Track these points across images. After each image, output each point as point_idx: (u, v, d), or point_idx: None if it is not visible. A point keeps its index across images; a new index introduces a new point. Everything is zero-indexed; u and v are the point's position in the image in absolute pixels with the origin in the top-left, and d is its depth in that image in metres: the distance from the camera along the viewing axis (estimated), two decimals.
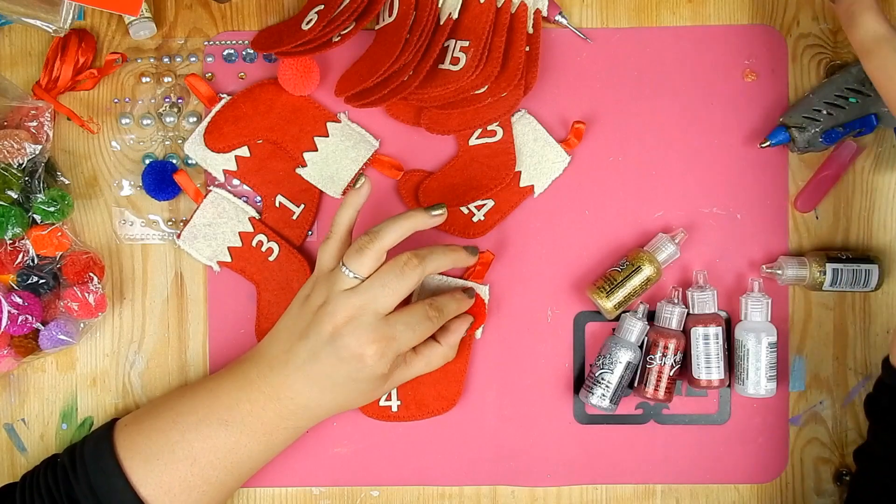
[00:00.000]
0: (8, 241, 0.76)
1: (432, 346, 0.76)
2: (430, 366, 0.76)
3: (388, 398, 0.80)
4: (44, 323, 0.77)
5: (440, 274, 0.80)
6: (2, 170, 0.75)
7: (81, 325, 0.79)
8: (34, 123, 0.78)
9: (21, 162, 0.76)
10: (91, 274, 0.78)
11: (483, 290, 0.80)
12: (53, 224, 0.77)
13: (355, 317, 0.70)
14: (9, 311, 0.75)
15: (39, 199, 0.76)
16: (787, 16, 0.81)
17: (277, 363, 0.72)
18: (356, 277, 0.71)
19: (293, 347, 0.71)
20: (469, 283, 0.80)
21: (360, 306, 0.70)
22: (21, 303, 0.75)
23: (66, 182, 0.80)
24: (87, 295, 0.77)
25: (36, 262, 0.77)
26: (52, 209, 0.76)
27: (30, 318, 0.76)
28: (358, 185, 0.74)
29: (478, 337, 0.81)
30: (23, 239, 0.76)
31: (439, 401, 0.80)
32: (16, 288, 0.77)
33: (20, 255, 0.76)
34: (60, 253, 0.77)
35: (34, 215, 0.76)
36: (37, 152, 0.76)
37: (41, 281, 0.77)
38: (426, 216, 0.73)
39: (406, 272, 0.71)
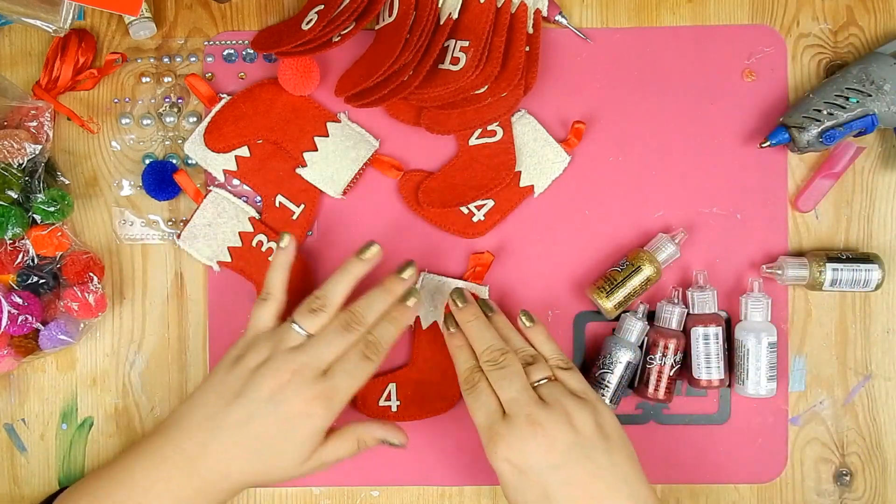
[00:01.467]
0: (8, 241, 0.76)
1: (342, 433, 0.72)
2: (340, 451, 0.72)
3: (388, 398, 0.80)
4: (44, 323, 0.77)
5: (439, 275, 0.80)
6: (2, 170, 0.75)
7: (81, 325, 0.79)
8: (34, 123, 0.78)
9: (21, 162, 0.76)
10: (91, 274, 0.78)
11: (483, 291, 0.80)
12: (53, 224, 0.77)
13: (298, 374, 0.68)
14: (9, 311, 0.75)
15: (39, 199, 0.76)
16: (787, 16, 0.81)
17: (198, 431, 0.68)
18: (303, 335, 0.70)
19: (221, 412, 0.68)
20: (471, 285, 0.80)
21: (304, 363, 0.69)
22: (21, 303, 0.75)
23: (66, 182, 0.80)
24: (87, 295, 0.77)
25: (36, 262, 0.77)
26: (52, 209, 0.76)
27: (30, 318, 0.76)
28: (282, 244, 0.74)
29: None
30: (23, 239, 0.76)
31: (439, 401, 0.80)
32: (16, 288, 0.77)
33: (20, 255, 0.76)
34: (60, 253, 0.77)
35: (34, 215, 0.76)
36: (37, 152, 0.76)
37: (41, 281, 0.77)
38: (361, 263, 0.73)
39: (350, 329, 0.70)
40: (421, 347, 0.80)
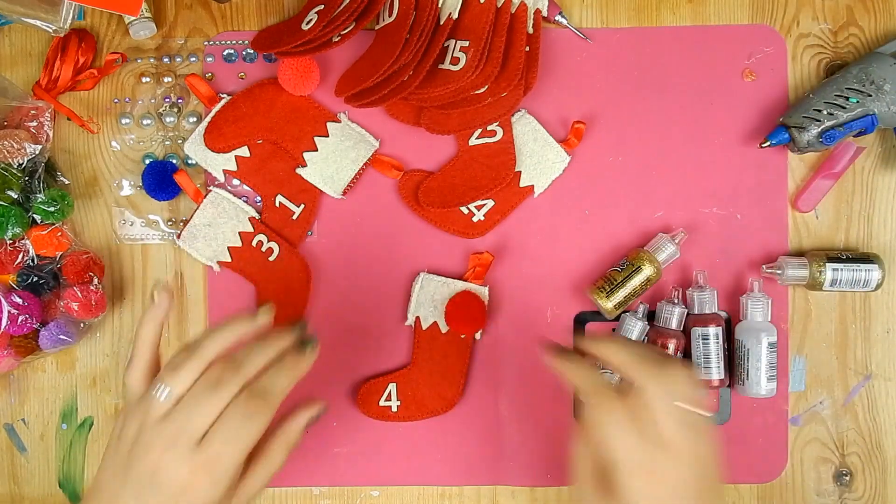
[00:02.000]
0: (8, 241, 0.76)
1: (267, 452, 0.64)
2: (272, 467, 0.64)
3: (388, 398, 0.80)
4: (44, 323, 0.77)
5: (439, 275, 0.80)
6: (2, 170, 0.75)
7: (81, 325, 0.79)
8: (34, 123, 0.78)
9: (21, 162, 0.76)
10: (91, 274, 0.78)
11: (482, 292, 0.80)
12: (53, 224, 0.77)
13: (172, 445, 0.60)
14: (9, 311, 0.75)
15: (39, 199, 0.76)
16: (787, 16, 0.81)
17: None
18: (168, 398, 0.61)
19: (119, 492, 0.61)
20: (470, 285, 0.80)
21: (173, 434, 0.60)
22: (21, 303, 0.75)
23: (66, 182, 0.80)
24: (87, 295, 0.77)
25: (36, 262, 0.77)
26: (51, 209, 0.76)
27: (29, 318, 0.76)
28: (156, 301, 0.66)
29: (478, 338, 0.81)
30: (23, 239, 0.76)
31: (439, 401, 0.80)
32: (16, 288, 0.77)
33: (20, 255, 0.76)
34: (60, 253, 0.77)
35: (34, 215, 0.76)
36: (37, 152, 0.76)
37: (41, 281, 0.77)
38: (251, 322, 0.65)
39: (222, 384, 0.61)
40: (421, 348, 0.80)
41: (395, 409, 0.80)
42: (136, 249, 0.82)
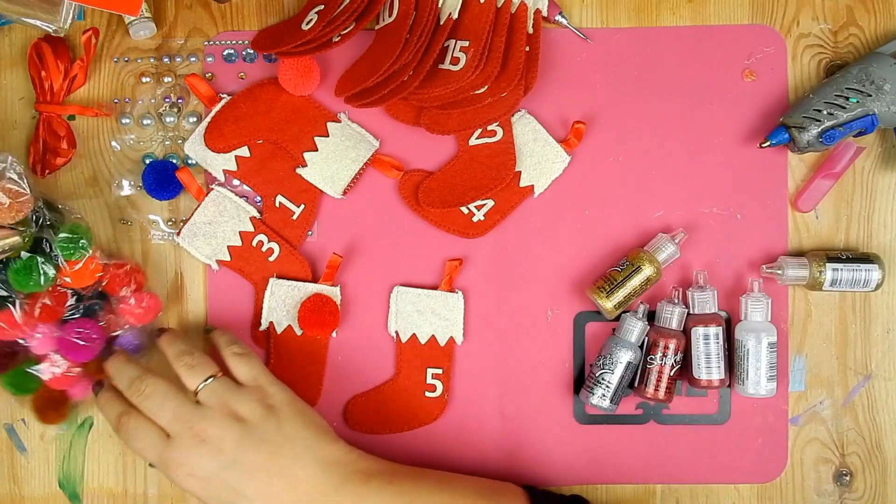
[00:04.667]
0: (48, 289, 0.75)
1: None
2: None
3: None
4: (110, 340, 0.77)
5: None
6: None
7: (148, 328, 0.79)
8: (12, 175, 0.73)
9: (18, 217, 0.73)
10: (135, 283, 0.78)
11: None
12: (83, 256, 0.75)
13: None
14: (71, 343, 0.75)
15: (60, 240, 0.74)
16: (787, 16, 0.81)
17: None
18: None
19: None
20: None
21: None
22: (80, 331, 0.75)
23: (68, 209, 0.78)
24: (138, 302, 0.77)
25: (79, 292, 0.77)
26: (72, 247, 0.74)
27: (92, 343, 0.75)
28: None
29: (334, 336, 0.81)
30: (59, 280, 0.75)
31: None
32: (70, 319, 0.76)
33: (69, 297, 0.76)
34: (99, 275, 0.77)
35: (60, 255, 0.75)
36: (26, 206, 0.73)
37: (92, 306, 0.77)
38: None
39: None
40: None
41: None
42: (136, 249, 0.82)
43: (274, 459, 0.70)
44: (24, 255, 0.73)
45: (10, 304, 0.74)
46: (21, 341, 0.75)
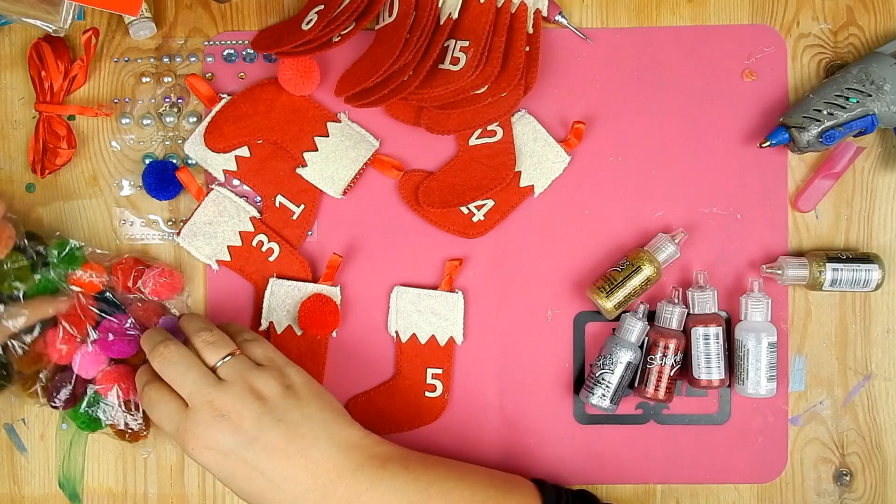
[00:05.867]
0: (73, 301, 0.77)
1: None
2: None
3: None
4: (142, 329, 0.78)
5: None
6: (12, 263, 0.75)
7: (179, 305, 0.80)
8: None
9: (9, 250, 0.75)
10: (142, 267, 0.78)
11: (334, 293, 0.80)
12: (79, 266, 0.77)
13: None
14: (109, 342, 0.76)
15: (53, 259, 0.77)
16: (787, 16, 0.81)
17: None
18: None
19: None
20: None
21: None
22: (116, 324, 0.77)
23: (47, 230, 0.80)
24: (157, 279, 0.78)
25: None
26: (64, 263, 0.77)
27: (125, 332, 0.76)
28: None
29: (334, 336, 0.81)
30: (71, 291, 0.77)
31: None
32: (103, 317, 0.77)
33: (96, 312, 0.77)
34: (106, 276, 0.78)
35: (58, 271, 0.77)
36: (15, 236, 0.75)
37: (114, 301, 0.78)
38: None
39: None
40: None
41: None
42: (136, 249, 0.82)
43: (292, 439, 0.70)
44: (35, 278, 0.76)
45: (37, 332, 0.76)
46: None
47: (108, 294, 0.78)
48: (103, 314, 0.77)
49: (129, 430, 0.78)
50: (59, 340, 0.76)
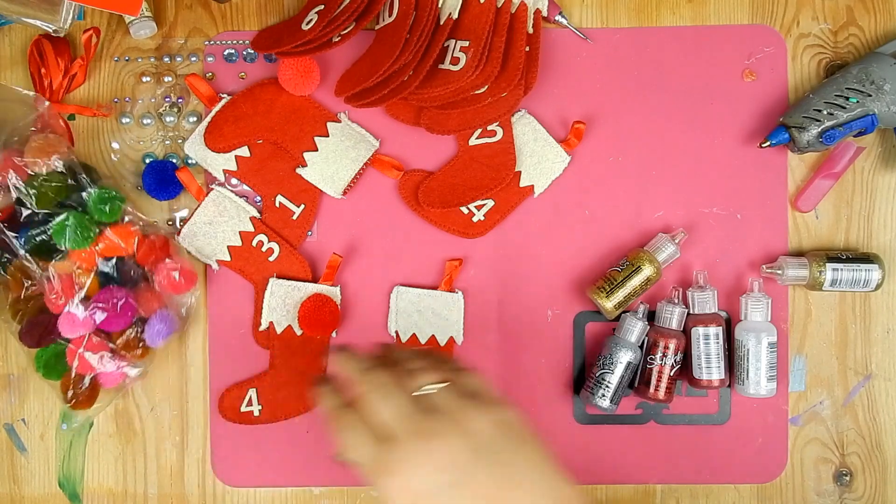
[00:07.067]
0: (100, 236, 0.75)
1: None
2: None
3: (250, 403, 0.81)
4: (143, 320, 0.77)
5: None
6: (52, 182, 0.74)
7: (182, 310, 0.79)
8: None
9: (57, 166, 0.74)
10: (166, 256, 0.78)
11: (334, 293, 0.80)
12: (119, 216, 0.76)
13: None
14: (101, 307, 0.74)
15: (94, 197, 0.75)
16: (787, 16, 0.81)
17: None
18: None
19: None
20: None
21: None
22: (115, 296, 0.75)
23: (103, 174, 0.79)
24: (166, 278, 0.77)
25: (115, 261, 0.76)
26: (100, 210, 0.75)
27: (117, 307, 0.75)
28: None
29: (334, 336, 0.81)
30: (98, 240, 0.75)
31: (298, 401, 0.81)
32: (106, 283, 0.76)
33: (133, 239, 0.76)
34: (132, 243, 0.76)
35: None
36: (71, 154, 0.75)
37: (126, 268, 0.76)
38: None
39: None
40: (280, 350, 0.81)
41: (257, 413, 0.81)
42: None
43: (505, 488, 0.57)
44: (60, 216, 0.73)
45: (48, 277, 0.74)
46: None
47: (116, 265, 0.76)
48: (107, 282, 0.76)
49: (78, 395, 0.77)
50: (53, 290, 0.74)
